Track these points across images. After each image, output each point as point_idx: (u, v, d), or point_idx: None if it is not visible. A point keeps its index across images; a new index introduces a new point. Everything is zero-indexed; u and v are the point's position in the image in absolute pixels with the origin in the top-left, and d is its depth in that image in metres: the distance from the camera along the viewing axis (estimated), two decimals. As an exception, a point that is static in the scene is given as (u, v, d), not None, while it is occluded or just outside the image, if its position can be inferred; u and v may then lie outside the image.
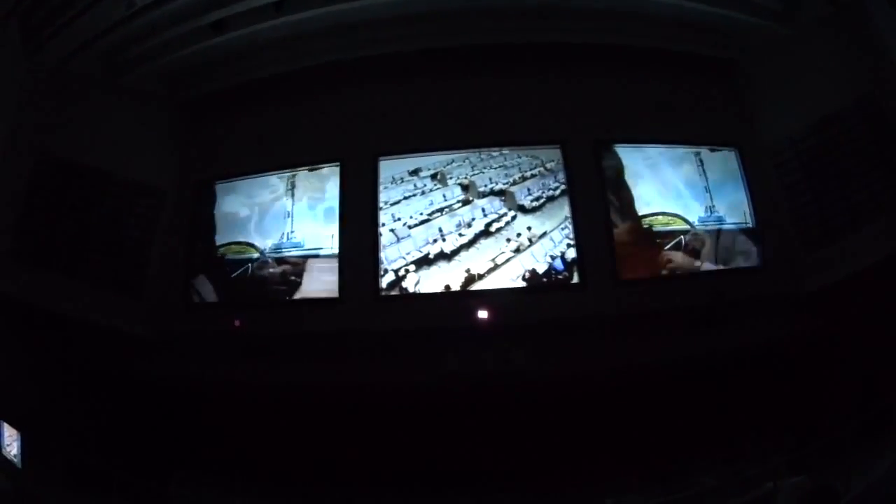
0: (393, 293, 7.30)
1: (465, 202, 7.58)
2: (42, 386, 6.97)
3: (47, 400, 6.94)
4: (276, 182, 7.96)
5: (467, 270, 7.32)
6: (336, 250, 7.51)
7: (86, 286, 7.31)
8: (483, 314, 7.05)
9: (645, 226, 7.50)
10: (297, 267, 7.62)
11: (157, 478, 7.03)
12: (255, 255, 7.77)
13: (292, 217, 7.81)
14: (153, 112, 8.14)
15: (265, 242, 7.80)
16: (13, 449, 6.57)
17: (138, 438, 7.04)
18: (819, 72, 7.36)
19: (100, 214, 7.56)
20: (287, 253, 7.71)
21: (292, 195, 7.88)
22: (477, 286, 7.27)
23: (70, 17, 7.09)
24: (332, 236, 7.57)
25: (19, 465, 6.55)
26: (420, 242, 7.44)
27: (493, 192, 7.60)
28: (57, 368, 7.08)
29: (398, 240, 7.46)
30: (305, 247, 7.68)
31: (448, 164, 7.71)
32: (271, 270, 7.68)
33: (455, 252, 7.39)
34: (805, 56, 7.46)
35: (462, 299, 7.19)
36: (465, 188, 7.63)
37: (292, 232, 7.76)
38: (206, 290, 7.73)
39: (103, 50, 7.60)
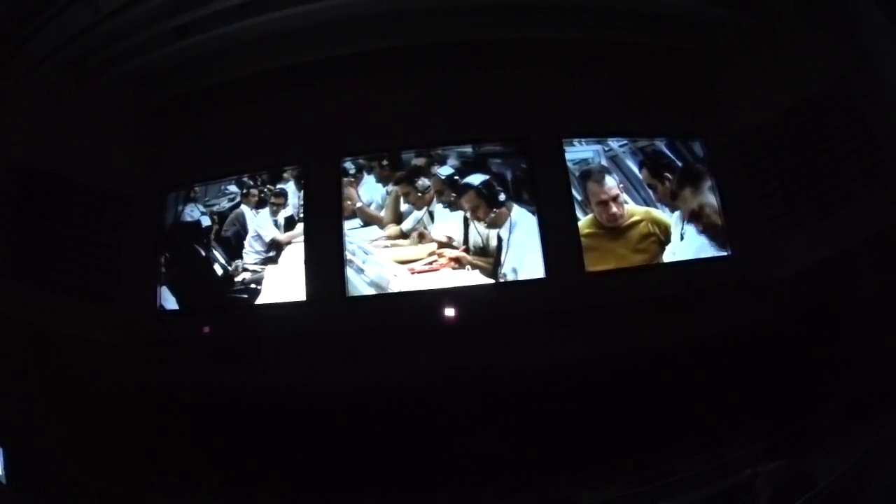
0: (360, 293, 7.33)
1: (430, 199, 7.57)
2: (20, 399, 6.99)
3: (26, 412, 6.95)
4: (236, 188, 7.96)
5: (434, 267, 7.36)
6: (301, 252, 7.53)
7: (56, 295, 7.32)
8: (451, 311, 7.07)
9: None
10: (258, 274, 7.63)
11: (136, 487, 7.05)
12: (220, 260, 7.79)
13: (255, 221, 7.83)
14: (119, 118, 8.09)
15: (229, 248, 7.81)
16: (-4, 466, 6.57)
17: (116, 447, 7.05)
18: (787, 61, 7.31)
19: (67, 222, 7.57)
20: (251, 258, 7.72)
21: (252, 200, 7.89)
22: (444, 283, 7.29)
23: (37, 25, 7.06)
24: (297, 238, 7.60)
25: (4, 481, 6.47)
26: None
27: (457, 188, 7.57)
28: (34, 380, 7.10)
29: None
30: (270, 251, 7.70)
31: (411, 161, 7.68)
32: (236, 277, 7.69)
33: (421, 249, 7.40)
34: (772, 45, 7.40)
35: (430, 297, 7.21)
36: (428, 185, 7.60)
37: (256, 236, 7.77)
38: (170, 299, 7.77)
39: (70, 57, 7.55)
